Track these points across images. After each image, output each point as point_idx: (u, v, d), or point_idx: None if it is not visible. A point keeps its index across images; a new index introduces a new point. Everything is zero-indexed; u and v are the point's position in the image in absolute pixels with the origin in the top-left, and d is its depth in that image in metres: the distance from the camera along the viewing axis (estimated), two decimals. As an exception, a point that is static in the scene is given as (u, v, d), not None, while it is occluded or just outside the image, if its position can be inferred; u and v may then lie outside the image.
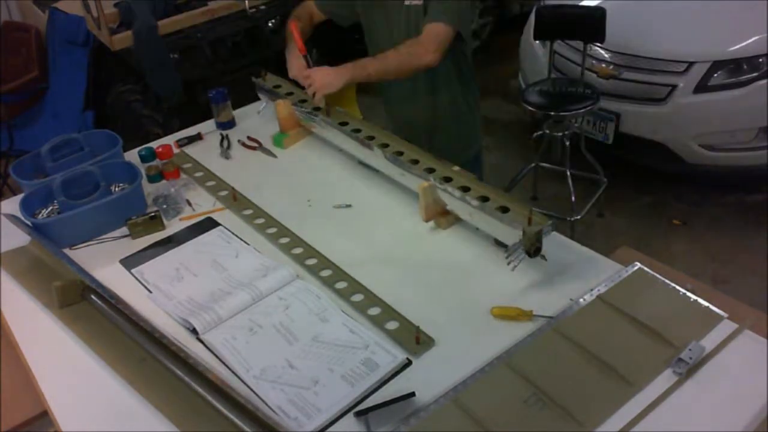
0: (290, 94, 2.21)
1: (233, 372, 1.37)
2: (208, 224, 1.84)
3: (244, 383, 1.34)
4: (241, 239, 1.76)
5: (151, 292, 1.61)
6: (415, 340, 1.38)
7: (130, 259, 1.74)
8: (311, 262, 1.64)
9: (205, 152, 2.20)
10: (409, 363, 1.34)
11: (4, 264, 1.75)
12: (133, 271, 1.69)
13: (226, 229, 1.81)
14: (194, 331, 1.47)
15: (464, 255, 1.64)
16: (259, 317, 1.49)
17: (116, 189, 1.95)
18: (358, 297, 1.52)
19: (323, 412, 1.25)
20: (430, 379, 1.30)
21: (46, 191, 1.88)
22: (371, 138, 1.89)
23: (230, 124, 2.29)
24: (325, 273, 1.60)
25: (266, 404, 1.28)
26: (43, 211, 1.90)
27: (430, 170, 1.71)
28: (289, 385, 1.31)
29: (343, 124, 1.99)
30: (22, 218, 1.81)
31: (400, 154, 1.80)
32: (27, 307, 1.62)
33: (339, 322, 1.45)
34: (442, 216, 1.72)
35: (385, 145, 1.84)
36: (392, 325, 1.43)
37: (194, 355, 1.38)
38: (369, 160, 1.94)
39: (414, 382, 1.30)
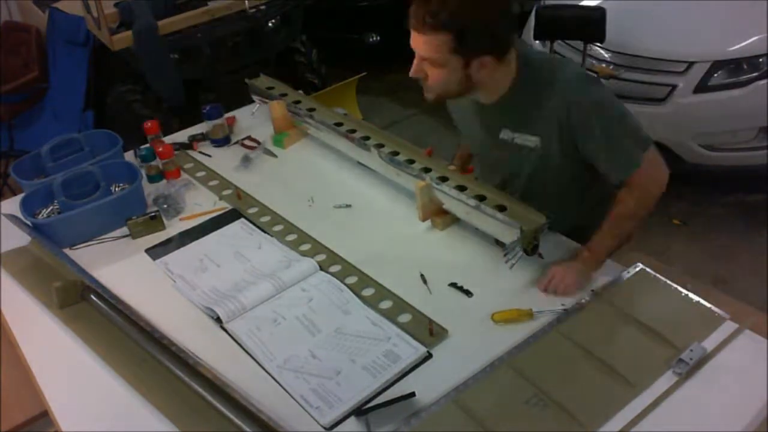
0: (284, 95, 2.21)
1: (256, 361, 1.39)
2: (230, 216, 1.86)
3: (267, 372, 1.36)
4: (263, 231, 1.78)
5: (175, 282, 1.64)
6: (428, 331, 1.39)
7: (155, 249, 1.77)
8: (320, 258, 1.65)
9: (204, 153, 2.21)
10: (429, 356, 1.35)
11: (4, 264, 1.75)
12: (157, 261, 1.72)
13: (248, 221, 1.82)
14: (218, 320, 1.49)
15: (464, 255, 1.64)
16: (282, 309, 1.51)
17: (116, 189, 1.95)
18: (369, 291, 1.53)
19: (345, 402, 1.26)
20: (430, 379, 1.30)
21: (46, 191, 1.88)
22: (367, 138, 1.88)
23: (225, 140, 2.23)
24: (335, 268, 1.61)
25: (288, 393, 1.30)
26: (43, 211, 1.89)
27: (426, 170, 1.70)
28: (312, 375, 1.33)
29: (338, 124, 1.99)
30: (23, 218, 1.81)
31: (396, 154, 1.80)
32: (27, 307, 1.62)
33: (361, 315, 1.47)
34: (438, 216, 1.72)
35: (380, 146, 1.84)
36: (405, 318, 1.44)
37: (194, 355, 1.38)
38: (365, 160, 1.94)
39: (414, 382, 1.30)
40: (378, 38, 4.61)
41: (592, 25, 2.77)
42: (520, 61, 1.49)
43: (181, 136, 2.30)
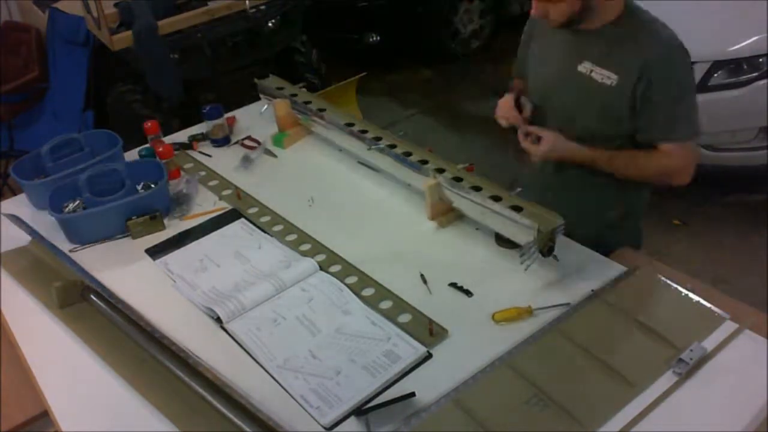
0: (294, 95, 2.21)
1: (256, 361, 1.39)
2: (230, 216, 1.86)
3: (267, 372, 1.36)
4: (263, 231, 1.78)
5: (175, 282, 1.64)
6: (428, 331, 1.39)
7: (155, 249, 1.76)
8: (320, 258, 1.65)
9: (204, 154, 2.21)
10: (429, 356, 1.35)
11: (4, 264, 1.75)
12: (157, 261, 1.72)
13: (248, 221, 1.82)
14: (218, 320, 1.49)
15: (464, 255, 1.64)
16: (282, 309, 1.51)
17: (138, 188, 1.95)
18: (369, 291, 1.53)
19: (345, 402, 1.26)
20: (430, 379, 1.30)
21: (71, 187, 1.87)
22: (378, 139, 1.88)
23: (225, 140, 2.23)
24: (335, 268, 1.61)
25: (289, 393, 1.30)
26: (70, 205, 1.88)
27: (440, 170, 1.70)
28: (312, 375, 1.33)
29: (349, 125, 1.99)
30: (49, 213, 1.81)
31: (409, 154, 1.79)
32: (27, 307, 1.62)
33: (361, 315, 1.47)
34: (443, 214, 1.72)
35: (392, 146, 1.84)
36: (405, 318, 1.44)
37: (194, 355, 1.38)
38: (375, 161, 1.93)
39: (414, 382, 1.30)
40: (378, 38, 4.62)
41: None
42: (628, 3, 1.57)
43: (181, 136, 2.30)
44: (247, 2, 3.44)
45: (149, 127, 2.19)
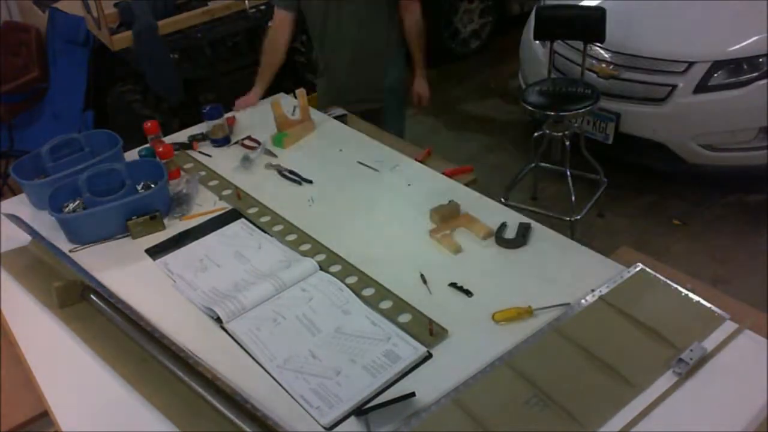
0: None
1: (256, 361, 1.39)
2: (230, 216, 1.87)
3: (267, 372, 1.36)
4: (263, 231, 1.78)
5: (175, 282, 1.64)
6: (428, 331, 1.39)
7: (155, 249, 1.77)
8: (320, 258, 1.65)
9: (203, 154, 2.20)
10: (429, 356, 1.35)
11: (4, 264, 1.75)
12: (157, 261, 1.72)
13: (248, 221, 1.82)
14: (218, 320, 1.49)
15: (464, 255, 1.64)
16: (282, 309, 1.51)
17: (138, 188, 1.94)
18: (369, 291, 1.54)
19: (345, 402, 1.26)
20: (430, 379, 1.30)
21: (71, 187, 1.87)
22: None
23: (225, 140, 2.24)
24: (335, 268, 1.61)
25: (289, 393, 1.30)
26: (70, 205, 1.88)
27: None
28: (312, 374, 1.33)
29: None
30: (49, 213, 1.81)
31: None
32: (27, 307, 1.62)
33: (361, 315, 1.47)
34: (445, 237, 1.69)
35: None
36: (405, 318, 1.45)
37: (194, 355, 1.38)
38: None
39: (414, 382, 1.30)
40: (378, 38, 4.61)
41: (592, 25, 2.77)
42: None
43: (181, 136, 2.31)
44: (247, 2, 3.44)
45: (149, 127, 2.19)
